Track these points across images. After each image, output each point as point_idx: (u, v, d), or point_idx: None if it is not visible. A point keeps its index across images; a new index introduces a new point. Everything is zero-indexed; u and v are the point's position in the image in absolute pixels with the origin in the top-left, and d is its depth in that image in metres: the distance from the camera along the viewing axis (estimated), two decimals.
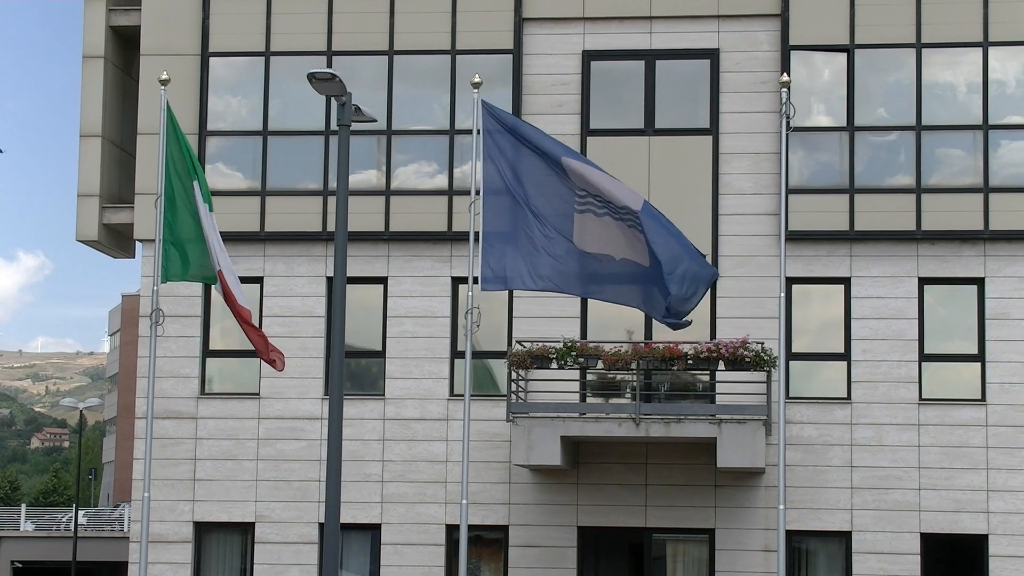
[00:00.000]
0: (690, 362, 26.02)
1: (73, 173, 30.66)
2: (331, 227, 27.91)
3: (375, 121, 21.92)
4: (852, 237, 27.60)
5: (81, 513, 70.90)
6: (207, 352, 28.96)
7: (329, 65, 28.41)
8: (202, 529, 28.58)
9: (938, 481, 26.99)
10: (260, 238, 28.77)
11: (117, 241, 30.48)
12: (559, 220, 21.52)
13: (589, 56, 28.39)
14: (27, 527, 72.11)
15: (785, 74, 25.44)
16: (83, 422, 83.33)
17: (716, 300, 27.67)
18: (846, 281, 27.68)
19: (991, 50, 27.67)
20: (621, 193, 21.30)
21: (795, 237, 27.27)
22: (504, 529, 27.82)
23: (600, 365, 26.39)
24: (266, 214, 28.78)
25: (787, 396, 26.61)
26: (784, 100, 24.02)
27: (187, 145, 23.04)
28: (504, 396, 26.86)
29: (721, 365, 26.00)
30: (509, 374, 26.40)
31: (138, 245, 29.66)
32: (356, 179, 28.01)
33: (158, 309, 23.39)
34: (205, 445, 28.55)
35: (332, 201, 28.03)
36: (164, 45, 29.17)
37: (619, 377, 27.16)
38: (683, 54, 28.20)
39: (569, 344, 26.09)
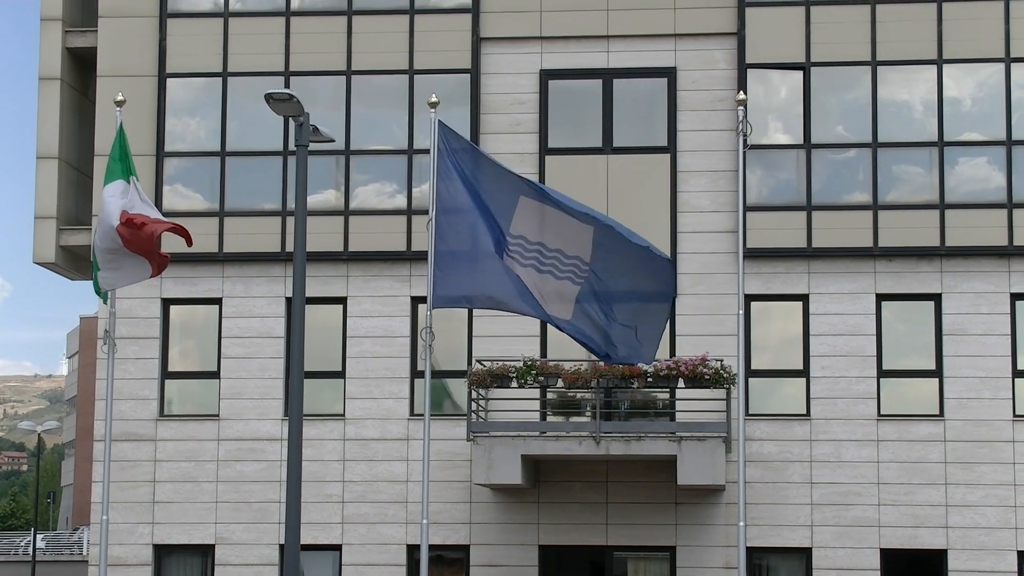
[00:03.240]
0: (649, 380, 26.09)
1: (30, 195, 30.55)
2: (290, 247, 27.86)
3: (333, 141, 21.89)
4: (810, 254, 27.72)
5: (40, 537, 70.42)
6: (166, 374, 28.85)
7: (287, 85, 28.38)
8: (162, 552, 28.44)
9: (897, 497, 27.10)
10: (219, 259, 28.70)
11: (75, 263, 30.34)
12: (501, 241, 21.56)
13: (547, 75, 28.45)
14: None
15: (742, 92, 25.55)
16: (41, 445, 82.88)
17: (675, 318, 27.72)
18: (804, 298, 27.78)
19: (946, 68, 27.86)
20: (574, 240, 21.30)
21: (753, 254, 27.38)
22: (465, 549, 27.78)
23: (560, 384, 26.43)
24: (224, 235, 28.71)
25: (747, 413, 26.66)
26: (741, 118, 24.12)
27: (126, 152, 22.89)
28: (464, 415, 26.84)
29: (680, 383, 26.08)
30: (469, 393, 26.39)
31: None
32: (315, 199, 27.99)
33: (107, 331, 23.32)
34: (164, 467, 28.43)
35: (291, 221, 27.99)
36: (121, 66, 29.09)
37: (579, 395, 27.18)
38: (640, 73, 28.31)
39: (529, 363, 26.11)
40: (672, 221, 27.88)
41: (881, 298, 27.69)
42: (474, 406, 26.47)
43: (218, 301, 28.73)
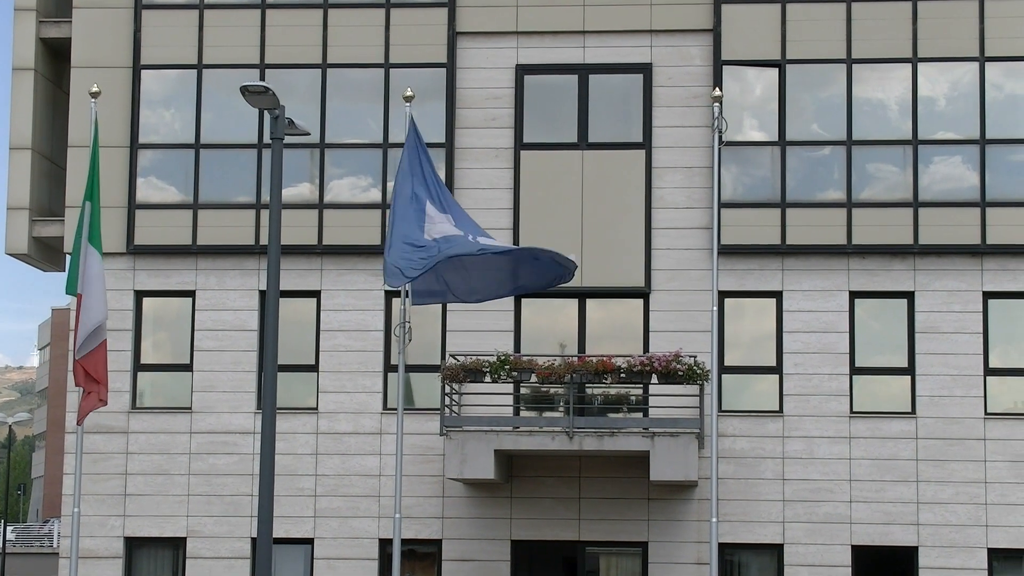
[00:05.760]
0: (623, 375, 26.09)
1: (2, 186, 30.51)
2: (264, 240, 27.82)
3: (308, 134, 21.89)
4: (784, 251, 27.77)
5: (10, 529, 70.29)
6: (138, 366, 28.77)
7: (262, 78, 28.33)
8: (133, 544, 28.37)
9: (869, 493, 27.18)
10: (192, 251, 28.62)
11: (47, 254, 30.25)
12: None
13: (523, 70, 28.44)
14: None
15: (717, 89, 25.60)
16: (12, 437, 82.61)
17: (649, 313, 27.77)
18: (778, 295, 27.84)
19: (920, 66, 27.93)
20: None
21: (727, 251, 27.42)
22: (438, 543, 27.77)
23: (534, 379, 26.43)
24: (198, 227, 28.62)
25: (719, 409, 26.69)
26: (716, 115, 24.18)
27: (96, 166, 23.09)
28: (438, 410, 26.83)
29: (654, 378, 26.09)
30: (443, 388, 26.38)
31: (68, 258, 29.42)
32: (289, 192, 27.93)
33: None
34: (136, 459, 28.35)
35: (265, 214, 27.94)
36: (95, 57, 28.98)
37: (552, 391, 27.20)
38: (616, 68, 28.31)
39: (503, 358, 26.10)
40: (647, 217, 27.90)
41: (854, 295, 27.76)
42: (447, 401, 26.46)
43: (191, 294, 28.67)
